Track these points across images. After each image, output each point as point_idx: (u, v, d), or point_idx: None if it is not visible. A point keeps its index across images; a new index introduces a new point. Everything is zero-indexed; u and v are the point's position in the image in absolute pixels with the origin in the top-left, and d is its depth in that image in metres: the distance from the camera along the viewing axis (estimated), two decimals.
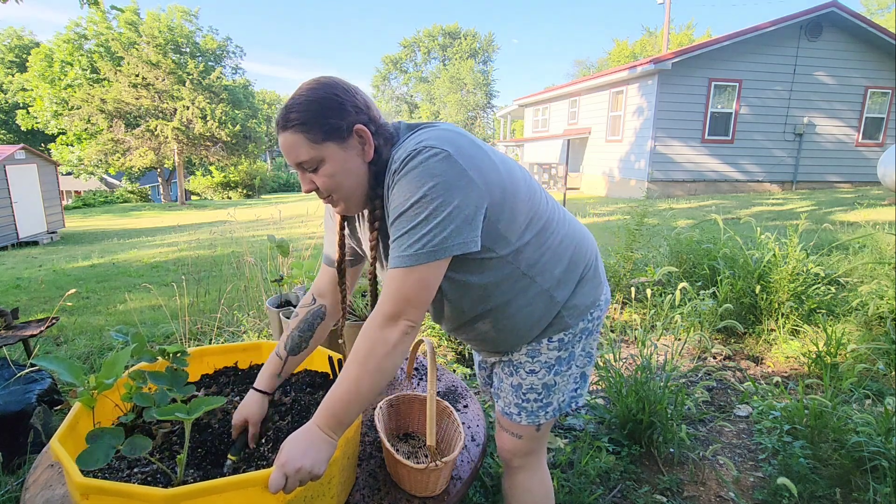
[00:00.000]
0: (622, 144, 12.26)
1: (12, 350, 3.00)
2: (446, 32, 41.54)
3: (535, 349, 1.12)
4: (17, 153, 11.71)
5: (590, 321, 1.14)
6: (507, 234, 0.99)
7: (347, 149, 0.94)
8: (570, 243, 1.10)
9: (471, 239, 0.91)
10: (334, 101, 0.92)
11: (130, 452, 0.83)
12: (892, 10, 26.56)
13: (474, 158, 0.92)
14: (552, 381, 1.14)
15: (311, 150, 0.93)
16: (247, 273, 3.51)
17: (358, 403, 0.89)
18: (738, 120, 11.40)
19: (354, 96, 0.95)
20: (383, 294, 0.91)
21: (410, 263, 0.88)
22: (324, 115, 0.91)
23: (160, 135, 22.14)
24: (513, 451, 1.22)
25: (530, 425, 1.17)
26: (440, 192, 0.87)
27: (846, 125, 11.81)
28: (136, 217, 18.54)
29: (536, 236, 1.04)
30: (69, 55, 22.10)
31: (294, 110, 0.92)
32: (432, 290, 0.92)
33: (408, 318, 0.90)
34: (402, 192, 0.89)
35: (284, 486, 0.81)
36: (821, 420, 1.85)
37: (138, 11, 22.43)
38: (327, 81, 0.95)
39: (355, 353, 0.90)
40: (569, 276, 1.09)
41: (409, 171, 0.88)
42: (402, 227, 0.89)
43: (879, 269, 3.36)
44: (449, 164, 0.88)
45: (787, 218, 6.85)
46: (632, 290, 3.22)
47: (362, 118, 0.95)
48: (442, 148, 0.89)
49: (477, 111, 39.48)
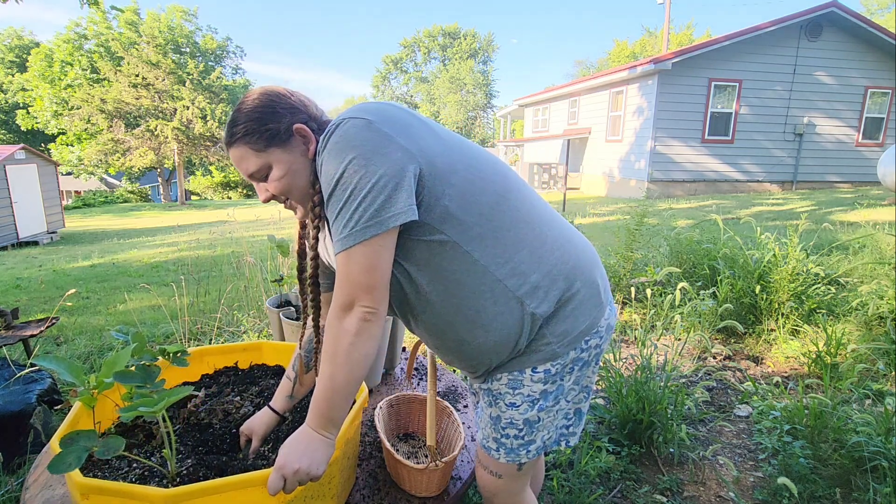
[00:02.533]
0: (622, 144, 12.26)
1: (12, 350, 3.00)
2: (446, 32, 41.54)
3: (517, 380, 0.98)
4: (17, 153, 11.71)
5: (584, 350, 0.98)
6: (458, 213, 0.88)
7: (291, 150, 0.94)
8: (556, 249, 0.96)
9: (407, 207, 0.83)
10: (269, 106, 0.94)
11: (104, 454, 0.82)
12: (892, 10, 26.56)
13: (404, 125, 0.87)
14: (535, 418, 1.00)
15: (258, 158, 0.94)
16: (247, 273, 3.52)
17: (340, 398, 0.87)
18: (738, 120, 11.40)
19: (289, 98, 0.96)
20: (335, 284, 0.88)
21: (349, 245, 0.83)
22: (262, 122, 0.93)
23: (160, 135, 22.15)
24: (493, 491, 1.09)
25: (510, 463, 1.04)
26: (363, 163, 0.81)
27: (846, 125, 11.81)
28: (136, 217, 18.54)
29: (505, 227, 0.92)
30: (69, 55, 22.11)
31: (235, 124, 0.94)
32: (380, 269, 0.85)
33: (363, 304, 0.85)
34: (326, 172, 0.85)
35: (283, 487, 0.81)
36: (821, 420, 1.85)
37: (138, 11, 22.44)
38: (262, 91, 0.96)
39: (324, 349, 0.88)
40: (550, 287, 0.94)
41: (330, 147, 0.85)
42: (333, 209, 0.85)
43: (879, 269, 3.36)
44: (369, 131, 0.83)
45: (787, 218, 6.85)
46: (632, 290, 3.22)
47: (300, 117, 0.95)
48: (361, 117, 0.85)
49: (477, 111, 39.48)
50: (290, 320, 1.72)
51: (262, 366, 1.39)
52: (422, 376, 1.67)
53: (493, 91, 40.41)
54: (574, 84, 14.49)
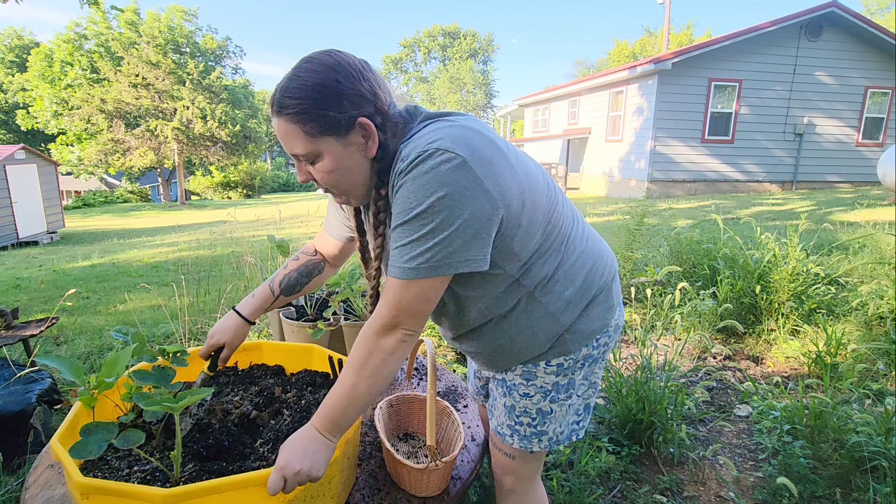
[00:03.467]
0: (622, 144, 12.26)
1: (12, 350, 3.00)
2: (446, 32, 41.55)
3: (530, 372, 1.02)
4: (17, 153, 11.71)
5: (595, 348, 1.02)
6: (519, 251, 0.89)
7: (348, 144, 0.86)
8: (587, 262, 0.99)
9: (480, 256, 0.83)
10: (335, 89, 0.82)
11: (124, 445, 0.83)
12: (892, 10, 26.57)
13: (493, 164, 0.82)
14: (548, 409, 1.04)
15: (308, 143, 0.85)
16: (247, 273, 3.52)
17: (355, 408, 0.88)
18: (738, 120, 11.40)
19: (359, 82, 0.84)
20: (381, 300, 0.87)
21: (410, 277, 0.82)
22: (322, 105, 0.82)
23: (160, 135, 22.15)
24: (505, 469, 1.14)
25: (523, 449, 1.09)
26: (449, 204, 0.78)
27: (846, 125, 11.81)
28: (136, 217, 18.54)
29: (551, 253, 0.94)
30: (69, 55, 22.09)
31: (290, 95, 0.83)
32: (432, 304, 0.87)
33: (405, 328, 0.86)
34: (406, 199, 0.80)
35: (283, 488, 0.81)
36: (821, 420, 1.85)
37: (138, 11, 22.43)
38: (329, 62, 0.84)
39: (352, 358, 0.88)
40: (579, 298, 0.98)
41: (416, 175, 0.79)
42: (404, 236, 0.81)
43: (879, 269, 3.36)
44: (462, 172, 0.78)
45: (787, 218, 6.85)
46: (632, 290, 3.22)
47: (367, 109, 0.85)
48: (455, 153, 0.78)
49: (477, 111, 39.48)
50: (290, 320, 1.72)
51: (261, 366, 1.38)
52: (422, 376, 1.67)
53: (493, 91, 40.46)
54: (574, 84, 14.50)
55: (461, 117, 0.90)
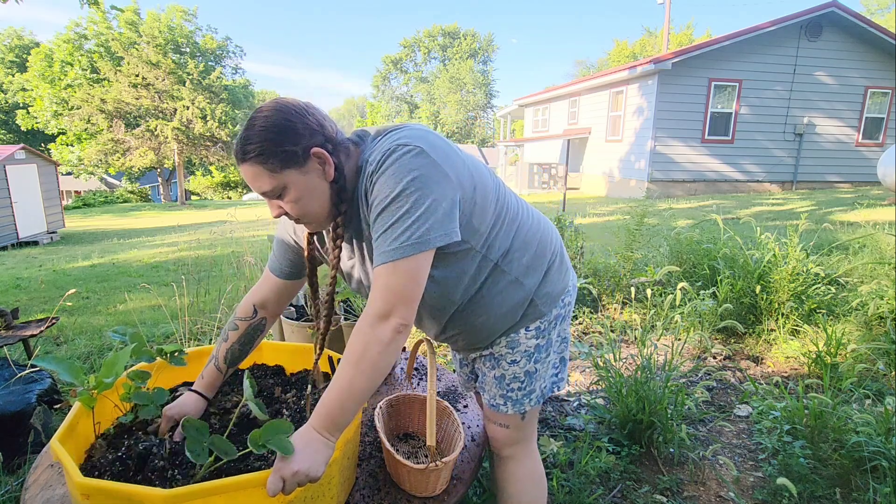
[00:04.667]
0: (622, 144, 12.26)
1: (12, 350, 3.00)
2: (446, 32, 41.54)
3: (514, 340, 1.15)
4: (17, 153, 11.71)
5: (562, 307, 1.19)
6: (478, 226, 1.03)
7: (308, 172, 0.95)
8: (536, 233, 1.15)
9: (451, 230, 0.93)
10: (287, 127, 0.92)
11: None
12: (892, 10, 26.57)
13: (447, 154, 0.96)
14: (533, 369, 1.18)
15: (272, 179, 0.93)
16: (247, 273, 3.51)
17: (353, 404, 0.89)
18: (738, 120, 11.40)
19: (305, 118, 0.95)
20: (372, 292, 0.91)
21: (396, 257, 0.89)
22: (279, 143, 0.91)
23: (160, 135, 22.14)
24: (502, 440, 1.25)
25: (516, 413, 1.20)
26: (418, 186, 0.89)
27: (846, 125, 11.81)
28: (136, 217, 18.54)
29: (504, 227, 1.08)
30: (69, 55, 22.09)
31: (250, 142, 0.92)
32: (420, 284, 0.92)
33: (399, 316, 0.90)
34: (381, 190, 0.91)
35: (282, 489, 0.81)
36: (821, 420, 1.85)
37: (138, 11, 22.42)
38: (278, 107, 0.95)
39: (348, 353, 0.90)
40: (536, 263, 1.13)
41: (385, 168, 0.91)
42: (384, 222, 0.90)
43: (879, 269, 3.35)
44: (424, 159, 0.90)
45: (787, 218, 6.85)
46: (632, 290, 3.22)
47: (317, 139, 0.95)
48: (415, 145, 0.91)
49: (477, 111, 39.48)
50: (289, 320, 1.72)
51: (261, 365, 1.39)
52: (422, 376, 1.67)
53: (493, 91, 40.44)
54: (574, 84, 14.50)
55: (411, 124, 1.02)
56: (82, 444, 0.99)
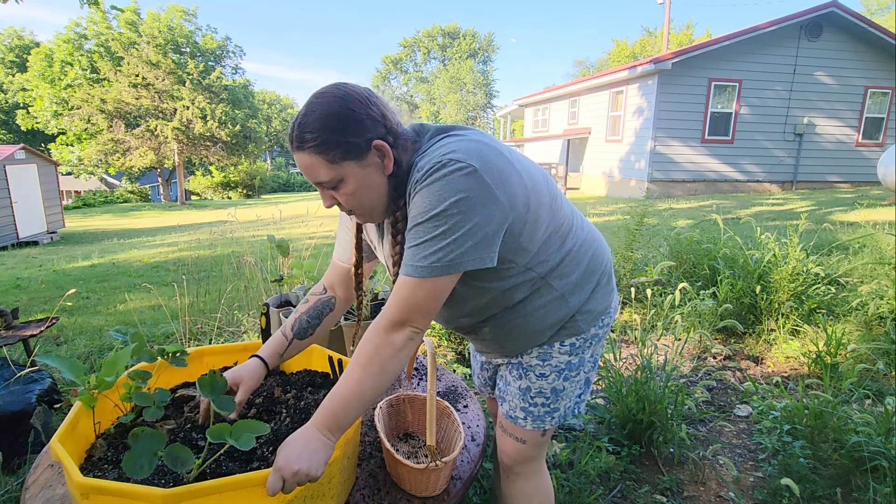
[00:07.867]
0: (622, 144, 12.26)
1: (12, 350, 3.00)
2: (446, 32, 41.55)
3: (546, 352, 1.10)
4: (17, 153, 11.71)
5: (601, 327, 1.13)
6: (527, 245, 0.97)
7: (366, 165, 0.92)
8: (588, 248, 1.09)
9: (487, 256, 0.89)
10: (349, 117, 0.88)
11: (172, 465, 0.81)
12: (892, 10, 26.57)
13: (502, 173, 0.89)
14: (561, 387, 1.12)
15: (331, 170, 0.90)
16: (247, 273, 3.51)
17: (359, 405, 0.89)
18: (738, 120, 11.40)
19: (368, 108, 0.90)
20: (391, 298, 0.90)
21: (423, 275, 0.87)
22: (340, 133, 0.88)
23: (160, 135, 22.14)
24: (515, 456, 1.20)
25: (535, 430, 1.15)
26: (462, 209, 0.84)
27: (846, 125, 11.81)
28: (136, 217, 18.53)
29: (556, 242, 1.02)
30: (69, 55, 22.09)
31: (308, 130, 0.88)
32: (441, 301, 0.91)
33: (414, 325, 0.90)
34: (422, 203, 0.86)
35: (282, 488, 0.81)
36: (821, 420, 1.85)
37: (138, 11, 22.42)
38: (340, 94, 0.90)
39: (359, 355, 0.90)
40: (584, 281, 1.08)
41: (431, 182, 0.85)
42: (418, 236, 0.87)
43: (879, 269, 3.35)
44: (474, 181, 0.85)
45: (787, 218, 6.85)
46: (632, 290, 3.22)
47: (379, 131, 0.91)
48: (468, 163, 0.85)
49: (477, 111, 39.49)
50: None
51: None
52: (422, 376, 1.67)
53: (493, 91, 40.46)
54: (574, 84, 14.49)
55: (469, 131, 0.97)
56: (82, 444, 0.99)
